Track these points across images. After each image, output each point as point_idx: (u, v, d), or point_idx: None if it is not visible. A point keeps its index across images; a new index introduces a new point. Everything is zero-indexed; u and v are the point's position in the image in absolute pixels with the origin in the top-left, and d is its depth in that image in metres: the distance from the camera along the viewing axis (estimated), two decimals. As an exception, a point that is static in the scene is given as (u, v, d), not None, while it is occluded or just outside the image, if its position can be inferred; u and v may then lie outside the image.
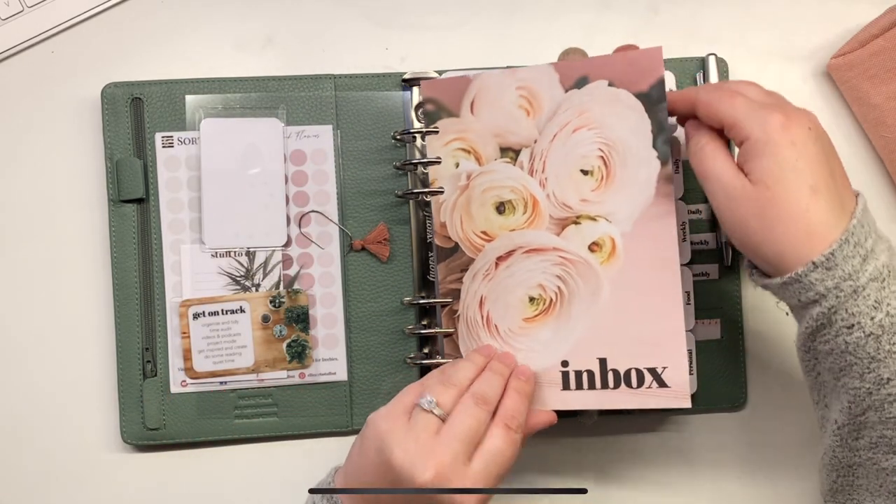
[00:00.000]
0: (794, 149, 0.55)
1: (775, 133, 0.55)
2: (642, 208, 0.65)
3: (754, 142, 0.56)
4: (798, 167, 0.55)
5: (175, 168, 0.72)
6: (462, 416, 0.60)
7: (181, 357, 0.72)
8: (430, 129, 0.70)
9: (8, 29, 0.74)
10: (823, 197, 0.55)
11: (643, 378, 0.65)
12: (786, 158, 0.55)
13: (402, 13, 0.77)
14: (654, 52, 0.64)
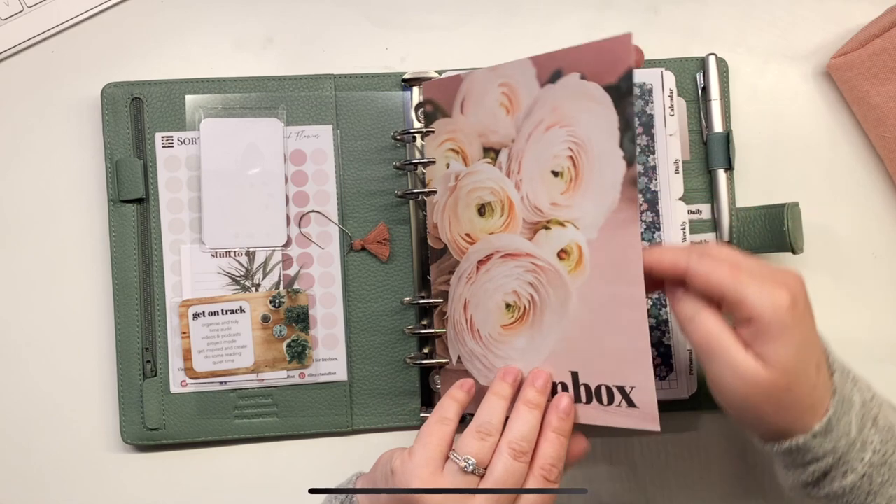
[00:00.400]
0: (802, 331, 0.54)
1: (787, 315, 0.53)
2: (607, 214, 0.60)
3: (766, 325, 0.53)
4: (807, 349, 0.54)
5: (175, 168, 0.72)
6: (500, 474, 0.57)
7: (181, 357, 0.72)
8: (430, 130, 0.70)
9: (8, 29, 0.74)
10: (823, 370, 0.56)
11: (613, 396, 0.60)
12: (798, 344, 0.54)
13: (402, 13, 0.77)
14: (622, 39, 0.58)
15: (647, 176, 0.70)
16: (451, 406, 0.62)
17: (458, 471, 0.58)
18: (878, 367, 0.76)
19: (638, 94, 0.71)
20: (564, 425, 0.60)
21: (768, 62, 0.78)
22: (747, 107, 0.77)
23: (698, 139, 0.75)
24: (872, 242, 0.77)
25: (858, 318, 0.77)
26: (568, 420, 0.60)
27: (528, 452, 0.58)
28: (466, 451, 0.58)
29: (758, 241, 0.73)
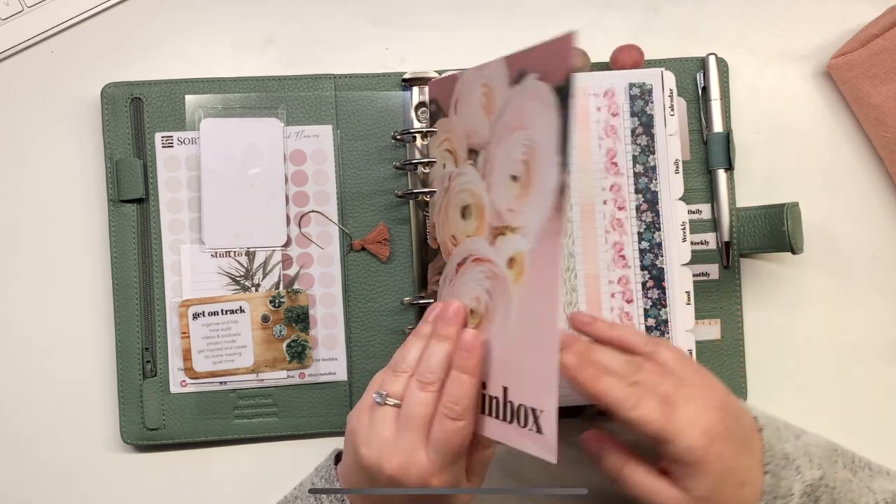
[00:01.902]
0: (723, 459, 0.58)
1: (706, 452, 0.58)
2: (542, 223, 0.58)
3: (688, 464, 0.59)
4: (727, 474, 0.58)
5: (175, 168, 0.72)
6: (410, 405, 0.59)
7: (181, 357, 0.72)
8: (430, 129, 0.70)
9: (8, 29, 0.74)
10: (749, 481, 0.59)
11: (528, 418, 0.58)
12: (719, 472, 0.58)
13: (402, 13, 0.77)
14: (564, 39, 0.55)
15: (646, 176, 0.70)
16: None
17: (376, 405, 0.60)
18: (878, 367, 0.77)
19: (638, 94, 0.71)
20: (469, 361, 0.59)
21: (768, 62, 0.78)
22: (747, 107, 0.77)
23: (698, 139, 0.75)
24: (872, 242, 0.77)
25: (858, 317, 0.77)
26: (470, 356, 0.59)
27: (434, 383, 0.59)
28: (381, 386, 0.61)
29: (758, 240, 0.73)
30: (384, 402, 0.60)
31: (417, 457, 0.58)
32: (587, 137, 0.70)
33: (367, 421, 0.61)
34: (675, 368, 0.61)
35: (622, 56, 0.73)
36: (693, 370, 0.62)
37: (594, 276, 0.70)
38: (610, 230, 0.70)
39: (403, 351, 0.62)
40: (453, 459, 0.59)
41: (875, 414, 0.77)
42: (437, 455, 0.58)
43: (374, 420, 0.60)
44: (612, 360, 0.62)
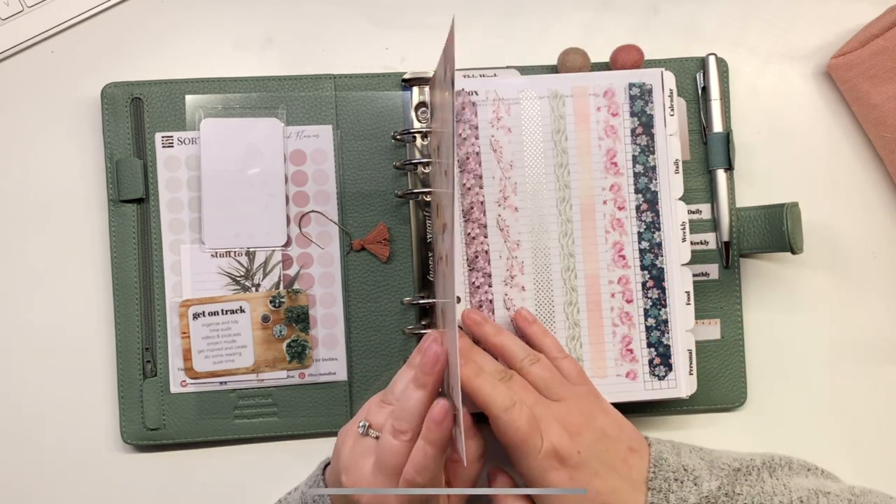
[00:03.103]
0: (574, 482, 0.60)
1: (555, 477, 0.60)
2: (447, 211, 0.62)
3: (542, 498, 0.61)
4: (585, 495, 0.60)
5: (175, 168, 0.72)
6: (383, 451, 0.60)
7: (181, 357, 0.72)
8: (430, 129, 0.70)
9: (8, 29, 0.74)
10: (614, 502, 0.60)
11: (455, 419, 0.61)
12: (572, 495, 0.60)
13: (402, 13, 0.77)
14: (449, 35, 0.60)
15: (646, 176, 0.70)
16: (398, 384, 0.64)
17: (359, 434, 0.62)
18: (878, 367, 0.77)
19: (638, 94, 0.71)
20: (433, 434, 0.59)
21: (768, 62, 0.78)
22: (747, 107, 0.77)
23: (698, 139, 0.75)
24: (872, 242, 0.77)
25: (858, 318, 0.77)
26: (438, 429, 0.59)
27: (406, 431, 0.59)
28: (368, 415, 0.63)
29: (757, 240, 0.73)
30: (366, 433, 0.62)
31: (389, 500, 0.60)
32: (587, 137, 0.70)
33: (349, 447, 0.62)
34: (542, 387, 0.63)
35: (622, 56, 0.73)
36: (565, 390, 0.63)
37: (594, 275, 0.70)
38: (610, 230, 0.70)
39: (395, 380, 0.64)
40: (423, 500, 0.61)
41: (875, 414, 0.77)
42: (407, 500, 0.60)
43: (355, 449, 0.62)
44: (487, 364, 0.65)
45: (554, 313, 0.70)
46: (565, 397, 0.63)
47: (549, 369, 0.65)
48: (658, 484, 0.61)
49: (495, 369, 0.64)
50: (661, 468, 0.62)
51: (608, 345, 0.70)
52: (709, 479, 0.61)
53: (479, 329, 0.67)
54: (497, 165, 0.70)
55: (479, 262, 0.70)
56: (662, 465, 0.62)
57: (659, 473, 0.61)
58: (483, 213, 0.70)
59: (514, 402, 0.61)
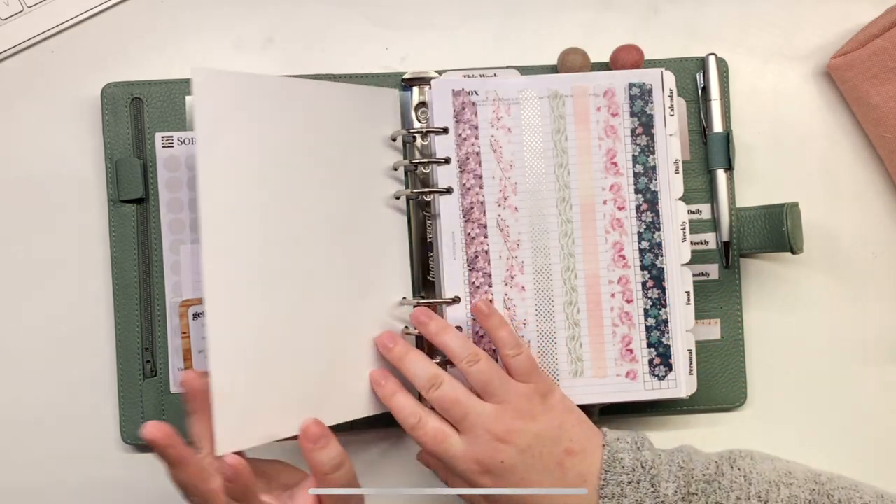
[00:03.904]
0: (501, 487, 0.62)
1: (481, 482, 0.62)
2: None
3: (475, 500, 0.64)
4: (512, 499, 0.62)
5: (175, 168, 0.72)
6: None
7: (181, 357, 0.72)
8: (430, 129, 0.70)
9: (8, 29, 0.74)
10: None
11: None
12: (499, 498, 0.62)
13: (402, 13, 0.77)
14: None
15: (646, 176, 0.70)
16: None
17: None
18: (878, 367, 0.77)
19: (638, 94, 0.71)
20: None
21: (768, 62, 0.78)
22: (747, 107, 0.77)
23: (698, 139, 0.75)
24: (872, 242, 0.77)
25: (858, 318, 0.77)
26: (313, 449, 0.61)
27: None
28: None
29: (757, 240, 0.73)
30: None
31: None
32: (587, 137, 0.70)
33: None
34: (480, 389, 0.64)
35: (622, 56, 0.73)
36: (501, 393, 0.63)
37: (594, 275, 0.70)
38: (610, 230, 0.70)
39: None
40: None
41: (875, 414, 0.77)
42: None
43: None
44: (420, 370, 0.65)
45: (554, 313, 0.70)
46: (503, 399, 0.63)
47: (489, 370, 0.64)
48: (610, 490, 0.60)
49: (425, 376, 0.64)
50: (613, 472, 0.61)
51: (608, 345, 0.70)
52: (667, 479, 0.61)
53: (425, 329, 0.67)
54: (497, 165, 0.70)
55: (479, 262, 0.70)
56: (615, 468, 0.61)
57: (611, 479, 0.61)
58: (483, 213, 0.70)
59: (418, 418, 0.63)
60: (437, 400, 0.63)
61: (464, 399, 0.63)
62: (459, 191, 0.70)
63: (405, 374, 0.66)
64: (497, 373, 0.64)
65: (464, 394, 0.64)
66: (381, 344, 0.68)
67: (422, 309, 0.68)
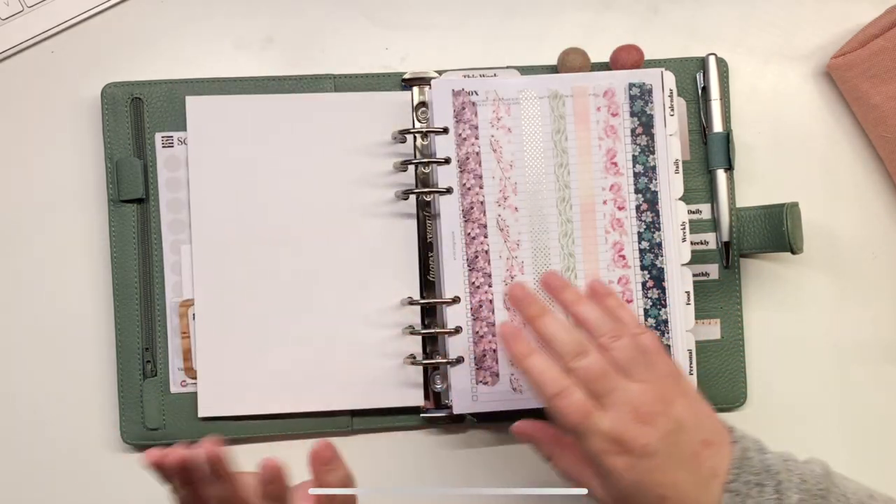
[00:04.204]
0: (634, 472, 0.57)
1: (614, 464, 0.57)
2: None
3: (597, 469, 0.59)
4: (640, 485, 0.57)
5: (175, 168, 0.72)
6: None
7: (181, 357, 0.72)
8: (430, 129, 0.70)
9: (8, 29, 0.74)
10: (673, 497, 0.57)
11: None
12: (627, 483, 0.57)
13: (402, 13, 0.77)
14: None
15: (646, 176, 0.70)
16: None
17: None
18: (878, 367, 0.77)
19: (638, 94, 0.71)
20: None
21: (768, 62, 0.78)
22: (747, 107, 0.77)
23: (698, 139, 0.75)
24: (872, 242, 0.77)
25: (858, 318, 0.77)
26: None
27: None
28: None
29: (757, 240, 0.73)
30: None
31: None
32: (587, 137, 0.70)
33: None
34: (622, 366, 0.59)
35: (622, 56, 0.73)
36: (644, 373, 0.59)
37: (594, 275, 0.70)
38: (610, 230, 0.70)
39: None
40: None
41: (875, 414, 0.77)
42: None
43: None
44: (561, 333, 0.60)
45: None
46: (645, 380, 0.58)
47: (632, 347, 0.59)
48: (737, 487, 0.57)
49: (570, 342, 0.59)
50: (743, 469, 0.58)
51: (608, 345, 0.70)
52: (789, 488, 0.57)
53: (559, 296, 0.62)
54: (497, 165, 0.70)
55: (479, 262, 0.70)
56: (745, 466, 0.58)
57: (741, 476, 0.57)
58: (483, 213, 0.70)
59: (563, 387, 0.58)
60: (585, 370, 0.58)
61: (611, 373, 0.58)
62: (459, 191, 0.70)
63: (543, 336, 0.60)
64: (638, 352, 0.59)
65: (611, 368, 0.58)
66: (551, 285, 0.63)
67: (553, 274, 0.63)
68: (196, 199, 0.72)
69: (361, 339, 0.73)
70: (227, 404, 0.72)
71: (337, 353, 0.72)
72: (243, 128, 0.72)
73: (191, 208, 0.72)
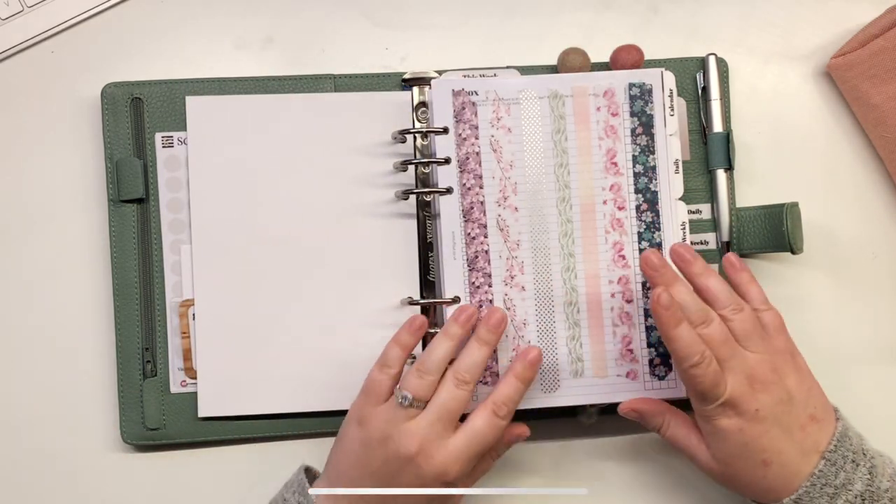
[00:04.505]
0: (742, 434, 0.62)
1: (722, 418, 0.62)
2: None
3: (707, 432, 0.64)
4: (747, 447, 0.62)
5: (175, 168, 0.72)
6: (442, 399, 0.63)
7: (181, 357, 0.72)
8: (430, 129, 0.70)
9: (8, 29, 0.74)
10: (776, 463, 0.62)
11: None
12: (734, 443, 0.63)
13: (402, 13, 0.77)
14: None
15: (646, 176, 0.70)
16: (393, 351, 0.66)
17: (397, 405, 0.63)
18: (878, 367, 0.77)
19: (638, 94, 0.71)
20: (528, 373, 0.66)
21: (768, 62, 0.78)
22: (747, 107, 0.77)
23: (698, 139, 0.76)
24: (872, 242, 0.77)
25: (858, 318, 0.77)
26: (532, 368, 0.66)
27: (470, 383, 0.64)
28: (405, 386, 0.64)
29: (757, 240, 0.73)
30: (411, 404, 0.63)
31: (440, 442, 0.62)
32: (587, 137, 0.70)
33: (385, 419, 0.63)
34: (741, 337, 0.63)
35: (622, 56, 0.73)
36: (763, 345, 0.63)
37: (594, 275, 0.70)
38: (610, 230, 0.70)
39: (429, 351, 0.65)
40: (475, 455, 0.63)
41: (875, 414, 0.76)
42: (465, 444, 0.62)
43: (395, 417, 0.63)
44: (689, 300, 0.64)
45: (554, 313, 0.70)
46: (761, 351, 0.63)
47: (752, 321, 0.64)
48: (834, 457, 0.62)
49: (698, 309, 0.63)
50: (843, 444, 0.63)
51: (608, 345, 0.70)
52: (882, 476, 0.62)
53: (689, 267, 0.66)
54: (497, 165, 0.70)
55: (479, 262, 0.70)
56: (844, 442, 0.63)
57: (839, 449, 0.62)
58: (483, 213, 0.70)
59: (703, 358, 0.61)
60: (708, 335, 0.62)
61: (731, 340, 0.63)
62: (459, 191, 0.70)
63: (704, 292, 0.65)
64: (758, 325, 0.65)
65: (730, 334, 0.63)
66: (681, 256, 0.66)
67: (684, 246, 0.67)
68: (196, 199, 0.72)
69: (362, 339, 0.73)
70: (227, 404, 0.72)
71: (337, 353, 0.72)
72: (243, 128, 0.72)
73: (191, 208, 0.72)
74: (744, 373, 0.62)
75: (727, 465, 0.63)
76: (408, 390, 0.63)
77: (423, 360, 0.65)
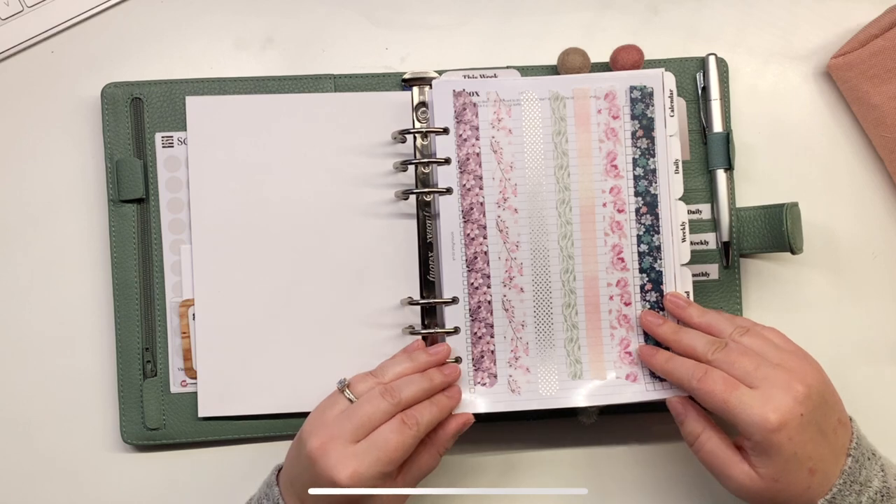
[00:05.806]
0: (792, 443, 0.61)
1: (774, 436, 0.60)
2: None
3: (756, 444, 0.61)
4: (797, 457, 0.61)
5: (175, 168, 0.72)
6: (363, 402, 0.63)
7: (181, 357, 0.72)
8: (430, 129, 0.70)
9: (8, 29, 0.74)
10: (820, 470, 0.62)
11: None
12: (788, 456, 0.61)
13: (402, 13, 0.77)
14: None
15: (646, 179, 0.70)
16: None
17: (336, 391, 0.65)
18: (878, 367, 0.77)
19: (639, 97, 0.70)
20: (449, 403, 0.66)
21: (768, 62, 0.78)
22: (747, 107, 0.77)
23: (698, 139, 0.75)
24: (872, 242, 0.77)
25: (858, 318, 0.77)
26: (452, 401, 0.67)
27: (394, 395, 0.63)
28: (352, 378, 0.66)
29: (757, 240, 0.73)
30: (342, 390, 0.65)
31: (342, 444, 0.61)
32: (588, 139, 0.70)
33: (321, 406, 0.65)
34: (761, 352, 0.64)
35: (622, 56, 0.73)
36: (783, 356, 0.64)
37: (593, 278, 0.70)
38: (609, 232, 0.70)
39: (390, 362, 0.68)
40: (376, 462, 0.61)
41: (875, 414, 0.76)
42: (365, 450, 0.61)
43: (328, 404, 0.65)
44: (696, 340, 0.66)
45: (552, 315, 0.70)
46: (783, 362, 0.63)
47: (760, 337, 0.65)
48: (857, 454, 0.63)
49: (707, 342, 0.65)
50: (861, 441, 0.64)
51: (606, 347, 0.70)
52: (889, 474, 0.63)
53: (684, 313, 0.68)
54: (497, 167, 0.70)
55: (478, 263, 0.70)
56: (862, 440, 0.64)
57: (860, 446, 0.63)
58: (483, 214, 0.70)
59: (704, 370, 0.63)
60: (726, 354, 0.64)
61: (752, 353, 0.64)
62: (459, 191, 0.70)
63: (680, 346, 0.67)
64: (767, 340, 0.65)
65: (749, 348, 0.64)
66: (675, 305, 0.69)
67: (677, 295, 0.70)
68: (196, 199, 0.72)
69: (361, 339, 0.73)
70: (226, 404, 0.72)
71: (337, 353, 0.72)
72: (243, 128, 0.72)
73: (191, 208, 0.72)
74: (773, 382, 0.62)
75: (776, 480, 0.62)
76: (351, 382, 0.65)
77: (382, 364, 0.68)
